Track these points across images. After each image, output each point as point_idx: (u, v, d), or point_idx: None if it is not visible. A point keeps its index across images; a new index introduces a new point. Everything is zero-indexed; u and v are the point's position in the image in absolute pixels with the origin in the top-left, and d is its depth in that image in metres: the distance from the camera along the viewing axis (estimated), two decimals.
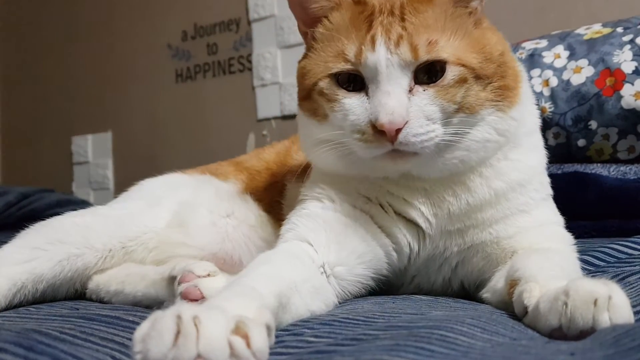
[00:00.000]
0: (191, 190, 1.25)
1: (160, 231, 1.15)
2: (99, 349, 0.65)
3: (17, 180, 3.48)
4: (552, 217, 0.98)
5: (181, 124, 3.15)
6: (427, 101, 0.84)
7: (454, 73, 0.84)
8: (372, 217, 0.95)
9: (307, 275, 0.84)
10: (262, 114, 2.90)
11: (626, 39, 1.64)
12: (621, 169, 1.54)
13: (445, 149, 0.87)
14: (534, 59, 1.74)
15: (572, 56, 1.69)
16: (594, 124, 1.60)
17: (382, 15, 0.87)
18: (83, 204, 2.46)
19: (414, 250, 0.94)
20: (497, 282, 0.88)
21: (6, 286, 0.96)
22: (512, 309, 0.78)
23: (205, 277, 0.91)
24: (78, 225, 1.09)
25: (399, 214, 0.94)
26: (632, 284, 0.86)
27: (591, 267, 1.04)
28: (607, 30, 1.70)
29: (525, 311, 0.72)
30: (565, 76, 1.66)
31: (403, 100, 0.82)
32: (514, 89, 0.90)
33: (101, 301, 1.06)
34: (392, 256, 0.95)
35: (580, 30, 1.78)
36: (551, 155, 1.05)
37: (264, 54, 2.89)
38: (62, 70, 3.52)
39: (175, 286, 0.93)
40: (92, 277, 1.09)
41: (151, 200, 1.20)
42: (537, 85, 1.69)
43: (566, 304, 0.63)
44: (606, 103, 1.58)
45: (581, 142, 1.63)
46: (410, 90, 0.84)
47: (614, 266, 1.03)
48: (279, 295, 0.72)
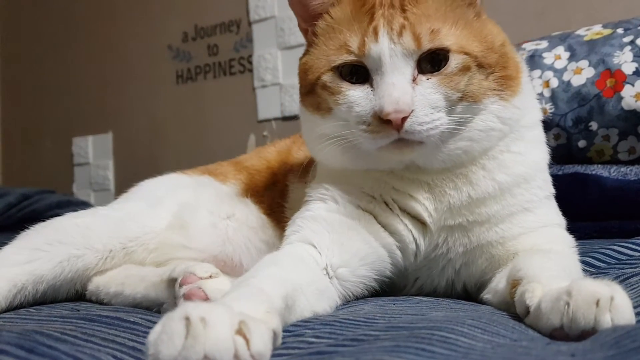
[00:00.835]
0: (192, 191, 1.24)
1: (161, 232, 1.15)
2: (100, 349, 0.64)
3: (18, 181, 3.48)
4: (555, 219, 0.98)
5: (182, 125, 3.15)
6: (431, 90, 0.85)
7: (457, 61, 0.85)
8: (375, 216, 0.95)
9: (312, 277, 0.85)
10: (262, 115, 2.90)
11: (627, 40, 1.64)
12: (622, 170, 1.54)
13: (449, 138, 0.88)
14: (534, 60, 1.74)
15: (573, 57, 1.69)
16: (594, 125, 1.60)
17: (383, 8, 0.88)
18: (83, 205, 2.46)
19: (420, 246, 0.94)
20: (499, 282, 0.88)
21: (6, 287, 0.96)
22: (513, 309, 0.78)
23: (207, 278, 0.91)
24: (78, 226, 1.09)
25: (403, 210, 0.94)
26: (633, 285, 0.86)
27: (592, 269, 1.04)
28: (607, 32, 1.71)
29: (527, 311, 0.72)
30: (566, 77, 1.66)
31: (408, 90, 0.83)
32: (515, 79, 0.91)
33: (101, 303, 1.06)
34: (395, 256, 0.95)
35: (581, 32, 1.78)
36: (552, 156, 1.05)
37: (264, 55, 2.89)
38: (63, 71, 3.52)
39: (176, 288, 0.93)
40: (91, 278, 1.08)
41: (152, 201, 1.20)
42: (537, 86, 1.68)
43: (568, 303, 0.63)
44: (607, 104, 1.58)
45: (582, 143, 1.63)
46: (414, 80, 0.85)
47: (615, 267, 1.03)
48: (285, 297, 0.73)
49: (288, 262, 0.86)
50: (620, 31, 1.68)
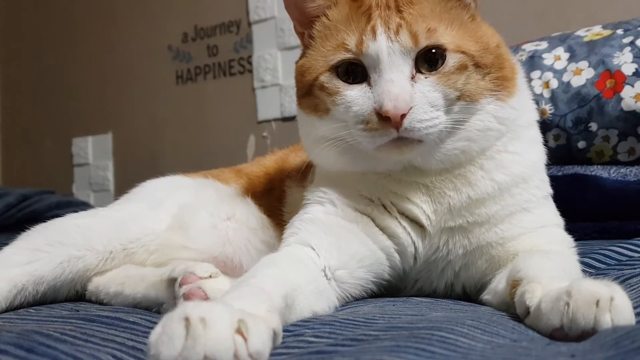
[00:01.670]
0: (192, 192, 1.25)
1: (161, 233, 1.15)
2: (99, 349, 0.64)
3: (18, 181, 3.48)
4: (553, 219, 0.98)
5: (181, 125, 3.15)
6: (429, 88, 0.86)
7: (454, 60, 0.87)
8: (373, 219, 0.95)
9: (311, 277, 0.85)
10: (262, 115, 2.90)
11: (626, 40, 1.64)
12: (621, 170, 1.54)
13: (447, 138, 0.89)
14: (534, 60, 1.74)
15: (572, 58, 1.69)
16: (594, 126, 1.60)
17: (379, 9, 0.89)
18: (83, 205, 2.46)
19: (418, 249, 0.95)
20: (499, 283, 0.88)
21: (7, 288, 0.96)
22: (513, 310, 0.78)
23: (207, 278, 0.91)
24: (79, 227, 1.09)
25: (401, 213, 0.95)
26: (633, 286, 0.86)
27: (592, 270, 1.04)
28: (607, 32, 1.71)
29: (527, 311, 0.72)
30: (566, 78, 1.66)
31: (406, 87, 0.84)
32: (511, 80, 0.93)
33: (100, 303, 1.06)
34: (394, 258, 0.95)
35: (581, 32, 1.78)
36: (551, 157, 1.05)
37: (264, 55, 2.89)
38: (62, 71, 3.52)
39: (175, 288, 0.93)
40: (91, 278, 1.09)
41: (152, 202, 1.20)
42: (537, 87, 1.69)
43: (568, 304, 0.64)
44: (606, 105, 1.58)
45: (581, 144, 1.63)
46: (412, 78, 0.86)
47: (615, 268, 1.03)
48: (285, 296, 0.73)
49: (287, 262, 0.86)
50: (620, 32, 1.68)
